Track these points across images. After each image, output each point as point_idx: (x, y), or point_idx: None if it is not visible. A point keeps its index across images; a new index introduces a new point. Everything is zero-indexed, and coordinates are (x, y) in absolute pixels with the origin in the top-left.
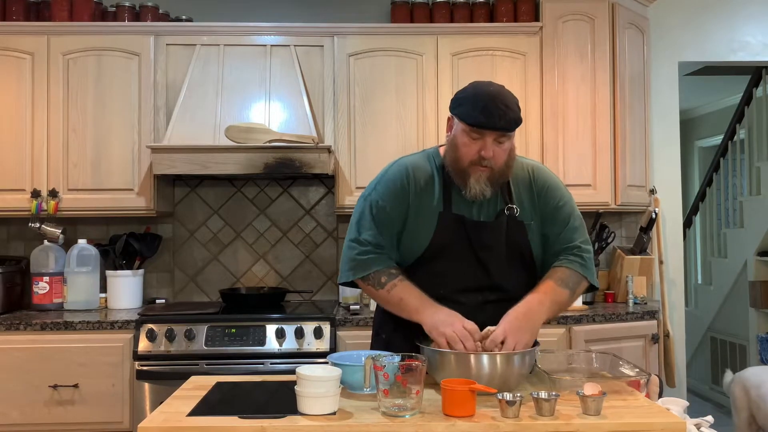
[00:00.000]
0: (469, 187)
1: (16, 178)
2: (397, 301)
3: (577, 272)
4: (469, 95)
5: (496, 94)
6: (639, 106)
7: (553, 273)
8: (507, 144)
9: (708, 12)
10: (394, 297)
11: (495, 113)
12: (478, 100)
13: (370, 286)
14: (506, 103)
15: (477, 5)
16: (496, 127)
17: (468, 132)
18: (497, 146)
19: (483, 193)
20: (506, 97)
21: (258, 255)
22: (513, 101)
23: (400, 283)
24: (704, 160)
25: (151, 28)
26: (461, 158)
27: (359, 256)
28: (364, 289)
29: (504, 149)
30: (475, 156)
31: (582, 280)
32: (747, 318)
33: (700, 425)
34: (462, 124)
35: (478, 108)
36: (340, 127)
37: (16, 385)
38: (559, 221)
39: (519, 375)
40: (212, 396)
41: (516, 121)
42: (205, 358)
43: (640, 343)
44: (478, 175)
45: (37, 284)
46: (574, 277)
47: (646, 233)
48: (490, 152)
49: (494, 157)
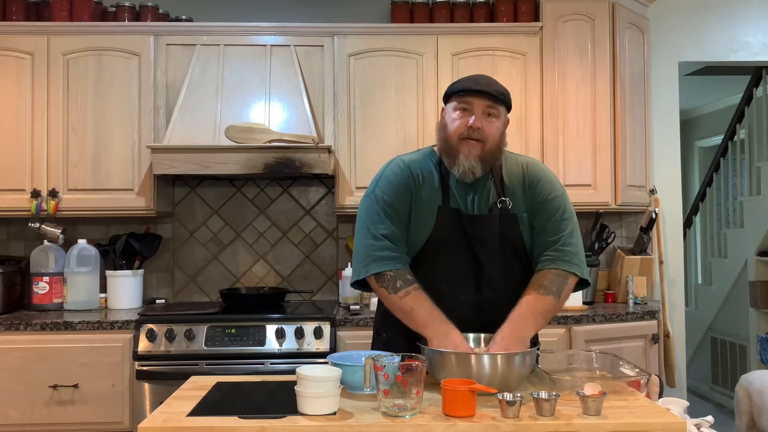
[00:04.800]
0: (459, 164)
1: (16, 178)
2: (407, 310)
3: (561, 270)
4: (459, 79)
5: (484, 75)
6: (639, 106)
7: (533, 280)
8: (497, 123)
9: (708, 12)
10: (405, 305)
11: (482, 81)
12: (467, 77)
13: (383, 289)
14: (494, 81)
15: (477, 5)
16: (484, 92)
17: (457, 106)
18: (486, 120)
19: (473, 170)
20: (494, 79)
21: (258, 255)
22: (501, 85)
23: (414, 292)
24: (704, 160)
25: (151, 28)
26: (451, 135)
27: (377, 251)
28: (375, 290)
29: (494, 125)
30: (464, 128)
31: (567, 276)
32: (747, 318)
33: (701, 425)
34: (451, 100)
35: (466, 80)
36: (340, 127)
37: (16, 385)
38: (548, 212)
39: (519, 375)
40: (212, 396)
41: (503, 93)
42: (205, 358)
43: (640, 343)
44: (468, 150)
45: (37, 284)
46: (557, 276)
47: (646, 233)
48: (479, 122)
49: (483, 129)
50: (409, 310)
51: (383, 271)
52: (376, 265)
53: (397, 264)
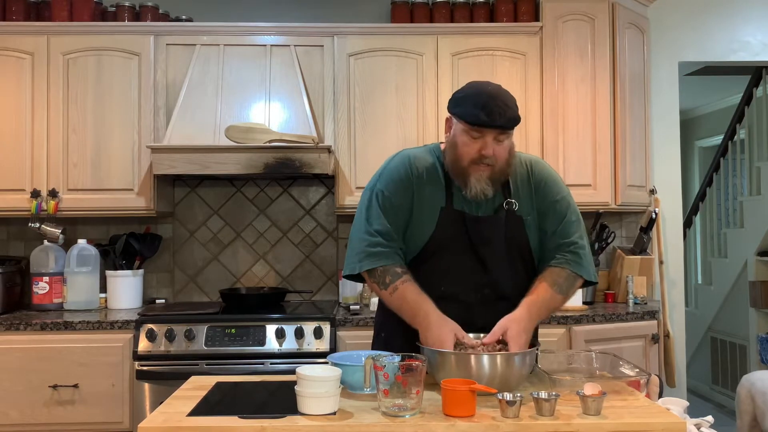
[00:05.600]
0: (470, 187)
1: (16, 178)
2: (398, 304)
3: (572, 272)
4: (467, 95)
5: (495, 93)
6: (639, 106)
7: (547, 275)
8: (506, 142)
9: (708, 12)
10: (395, 299)
11: (495, 111)
12: (478, 99)
13: (375, 283)
14: (505, 102)
15: (477, 5)
16: (497, 125)
17: (468, 131)
18: (497, 144)
19: (484, 192)
20: (505, 96)
21: (258, 255)
22: (511, 100)
23: (402, 285)
24: (704, 160)
25: (151, 28)
26: (461, 158)
27: (369, 247)
28: (369, 285)
29: (504, 147)
30: (476, 155)
31: (577, 278)
32: (747, 318)
33: (701, 425)
34: (462, 123)
35: (478, 107)
36: (340, 127)
37: (16, 385)
38: (556, 216)
39: (519, 375)
40: (212, 396)
41: (515, 120)
42: (205, 358)
43: (640, 343)
44: (479, 174)
45: (37, 284)
46: (569, 277)
47: (646, 233)
48: (490, 150)
49: (495, 155)
50: (399, 304)
51: (374, 268)
52: (369, 261)
53: (388, 259)
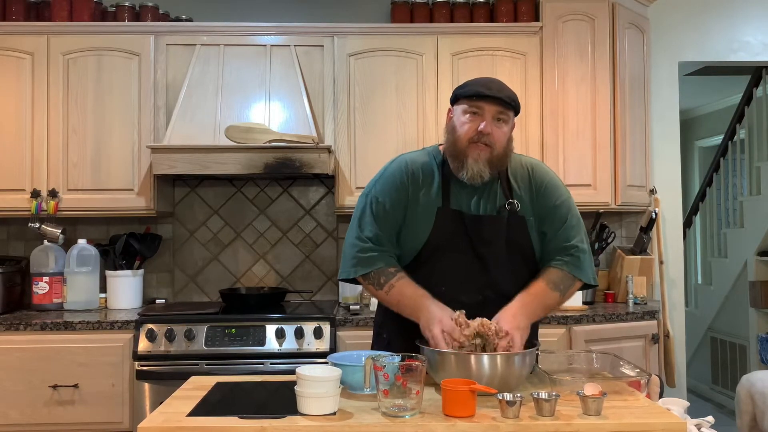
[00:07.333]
0: (467, 168)
1: (16, 178)
2: (395, 302)
3: (570, 274)
4: (468, 81)
5: (495, 79)
6: (639, 106)
7: (546, 274)
8: (506, 128)
9: (708, 12)
10: (392, 298)
11: (493, 87)
12: (478, 80)
13: (371, 286)
14: (505, 86)
15: (477, 5)
16: (495, 96)
17: (467, 109)
18: (496, 125)
19: (481, 174)
20: (504, 84)
21: (258, 255)
22: (510, 89)
23: (397, 282)
24: (704, 160)
25: (151, 28)
26: (460, 138)
27: (360, 253)
28: (365, 288)
29: (503, 132)
30: (474, 133)
31: (575, 281)
32: (747, 318)
33: (701, 425)
34: (461, 103)
35: (478, 84)
36: (340, 127)
37: (16, 385)
38: (557, 219)
39: (519, 375)
40: (212, 396)
41: (514, 99)
42: (205, 358)
43: (641, 343)
44: (477, 154)
45: (37, 284)
46: (567, 279)
47: (646, 233)
48: (489, 127)
49: (493, 135)
50: (397, 302)
51: (368, 272)
52: (363, 267)
53: (381, 262)
